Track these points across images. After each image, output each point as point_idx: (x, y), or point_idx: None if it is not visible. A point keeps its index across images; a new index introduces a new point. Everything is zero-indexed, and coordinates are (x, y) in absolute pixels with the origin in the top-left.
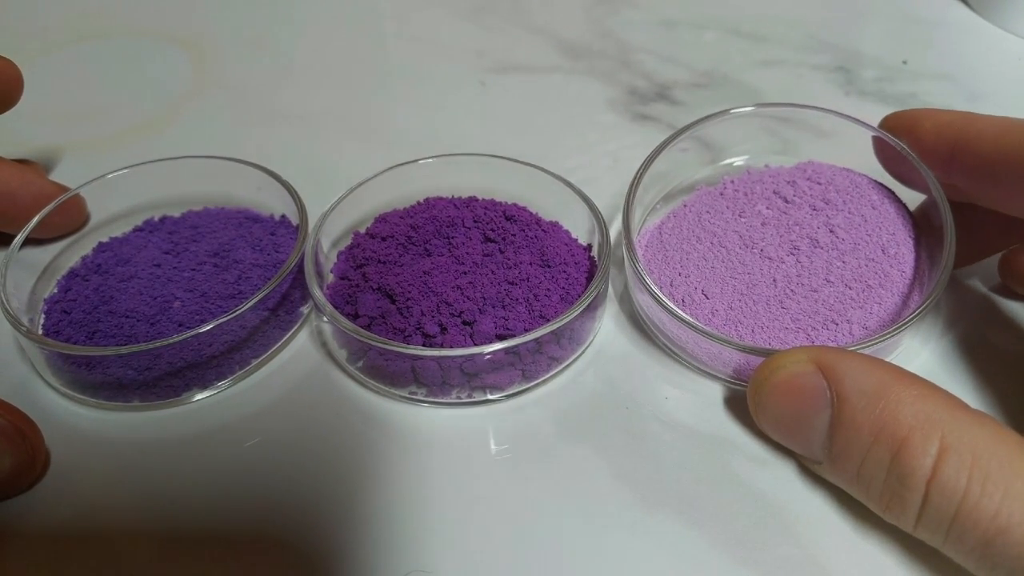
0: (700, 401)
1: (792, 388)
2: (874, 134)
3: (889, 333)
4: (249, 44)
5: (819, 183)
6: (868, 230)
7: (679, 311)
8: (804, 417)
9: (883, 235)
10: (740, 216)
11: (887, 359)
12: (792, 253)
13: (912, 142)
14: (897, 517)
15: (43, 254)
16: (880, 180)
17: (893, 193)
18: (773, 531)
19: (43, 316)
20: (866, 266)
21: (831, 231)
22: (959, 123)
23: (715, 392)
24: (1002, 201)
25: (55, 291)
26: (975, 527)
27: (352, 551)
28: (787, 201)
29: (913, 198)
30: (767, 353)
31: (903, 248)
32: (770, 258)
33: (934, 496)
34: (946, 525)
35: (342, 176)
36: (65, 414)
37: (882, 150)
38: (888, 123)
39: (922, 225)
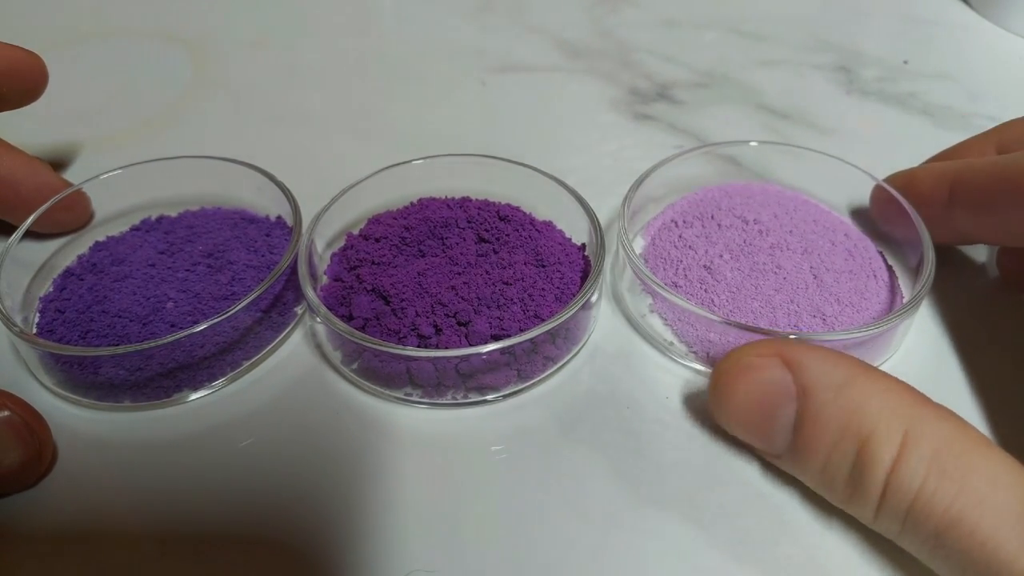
0: (701, 400)
1: (756, 381)
2: (875, 183)
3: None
4: (249, 44)
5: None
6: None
7: (691, 305)
8: (767, 410)
9: (866, 266)
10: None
11: (886, 352)
12: (776, 269)
13: (911, 194)
14: (858, 509)
15: (40, 252)
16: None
17: (874, 246)
18: (774, 531)
19: (38, 315)
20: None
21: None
22: (954, 168)
23: None
24: (1003, 230)
25: (51, 289)
26: (928, 519)
27: (350, 552)
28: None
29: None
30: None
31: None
32: (763, 266)
33: (892, 487)
34: (902, 515)
35: (341, 177)
36: (58, 414)
37: (878, 201)
38: (882, 187)
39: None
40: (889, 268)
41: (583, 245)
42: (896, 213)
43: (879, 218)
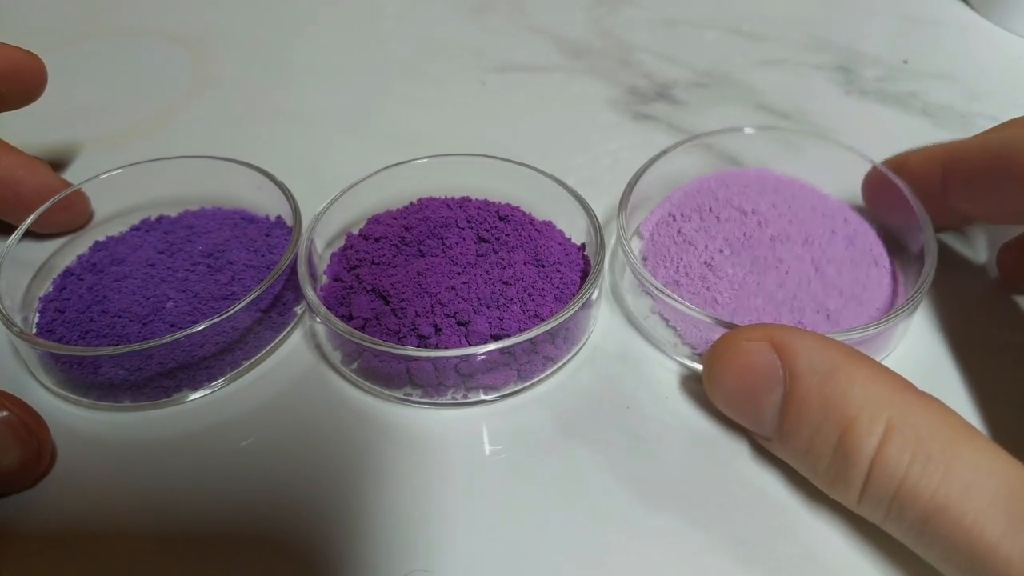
0: (700, 400)
1: (746, 365)
2: (869, 165)
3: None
4: (249, 44)
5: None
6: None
7: (692, 309)
8: (756, 393)
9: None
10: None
11: (886, 349)
12: (777, 263)
13: (902, 177)
14: (841, 494)
15: (40, 252)
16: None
17: (874, 231)
18: (773, 530)
19: (38, 315)
20: (855, 273)
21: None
22: (945, 149)
23: None
24: (996, 208)
25: (50, 289)
26: (913, 504)
27: (350, 552)
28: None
29: None
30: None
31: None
32: (764, 261)
33: (877, 473)
34: (887, 502)
35: (341, 177)
36: (58, 414)
37: (870, 186)
38: (877, 170)
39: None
40: (890, 254)
41: (583, 245)
42: (891, 198)
43: (871, 205)
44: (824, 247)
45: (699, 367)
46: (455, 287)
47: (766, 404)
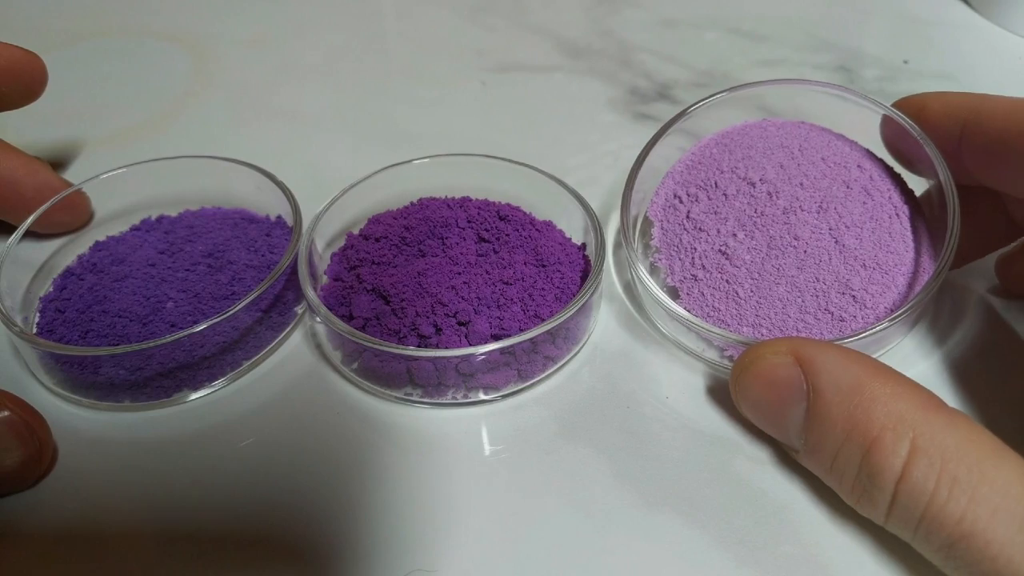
0: (700, 400)
1: (770, 379)
2: (884, 112)
3: (905, 311)
4: (249, 44)
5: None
6: (874, 218)
7: (704, 324)
8: (781, 408)
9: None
10: (737, 193)
11: (893, 341)
12: (794, 242)
13: (920, 124)
14: (868, 512)
15: (40, 252)
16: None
17: (890, 169)
18: (773, 530)
19: (38, 314)
20: (877, 248)
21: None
22: (968, 103)
23: (716, 391)
24: (1012, 181)
25: (51, 289)
26: (940, 529)
27: (350, 552)
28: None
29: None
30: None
31: (906, 232)
32: (779, 245)
33: (902, 496)
34: (914, 524)
35: (341, 177)
36: (58, 414)
37: (888, 131)
38: (895, 107)
39: (922, 207)
40: (910, 200)
41: (583, 245)
42: (909, 144)
43: (889, 145)
44: (840, 211)
45: (713, 361)
46: (455, 287)
47: (791, 419)
